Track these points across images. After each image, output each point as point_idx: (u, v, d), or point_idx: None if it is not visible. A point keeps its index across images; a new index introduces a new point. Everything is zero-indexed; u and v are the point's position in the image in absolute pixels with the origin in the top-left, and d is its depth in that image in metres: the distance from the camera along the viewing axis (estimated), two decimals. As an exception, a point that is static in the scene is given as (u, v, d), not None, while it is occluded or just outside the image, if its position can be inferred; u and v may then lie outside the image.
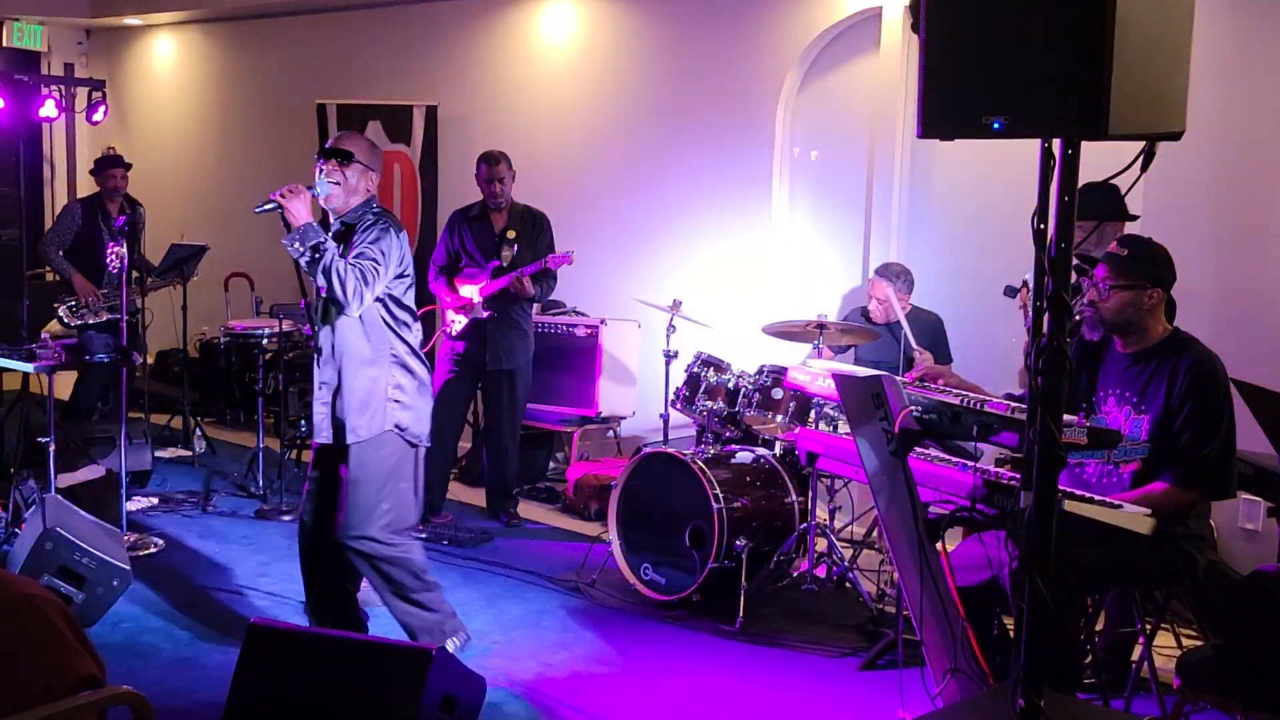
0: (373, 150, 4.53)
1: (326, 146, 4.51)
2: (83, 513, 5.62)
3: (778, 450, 5.73)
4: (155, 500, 6.96)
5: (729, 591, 5.28)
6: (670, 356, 6.27)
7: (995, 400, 3.38)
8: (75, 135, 10.52)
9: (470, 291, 6.51)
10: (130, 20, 10.11)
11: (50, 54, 10.40)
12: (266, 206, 4.35)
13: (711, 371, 5.83)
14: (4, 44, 9.78)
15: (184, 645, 4.95)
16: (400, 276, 4.44)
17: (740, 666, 4.89)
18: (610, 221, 7.61)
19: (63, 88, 7.53)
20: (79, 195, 9.86)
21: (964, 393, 3.48)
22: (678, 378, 6.09)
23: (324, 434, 4.51)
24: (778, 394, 5.60)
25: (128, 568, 5.22)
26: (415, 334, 4.56)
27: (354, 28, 8.88)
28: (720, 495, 5.27)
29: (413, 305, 4.56)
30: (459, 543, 6.36)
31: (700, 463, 5.38)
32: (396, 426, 4.47)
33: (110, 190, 7.84)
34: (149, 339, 8.30)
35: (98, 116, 7.04)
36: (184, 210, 9.69)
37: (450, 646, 4.49)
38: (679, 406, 5.98)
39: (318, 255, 4.22)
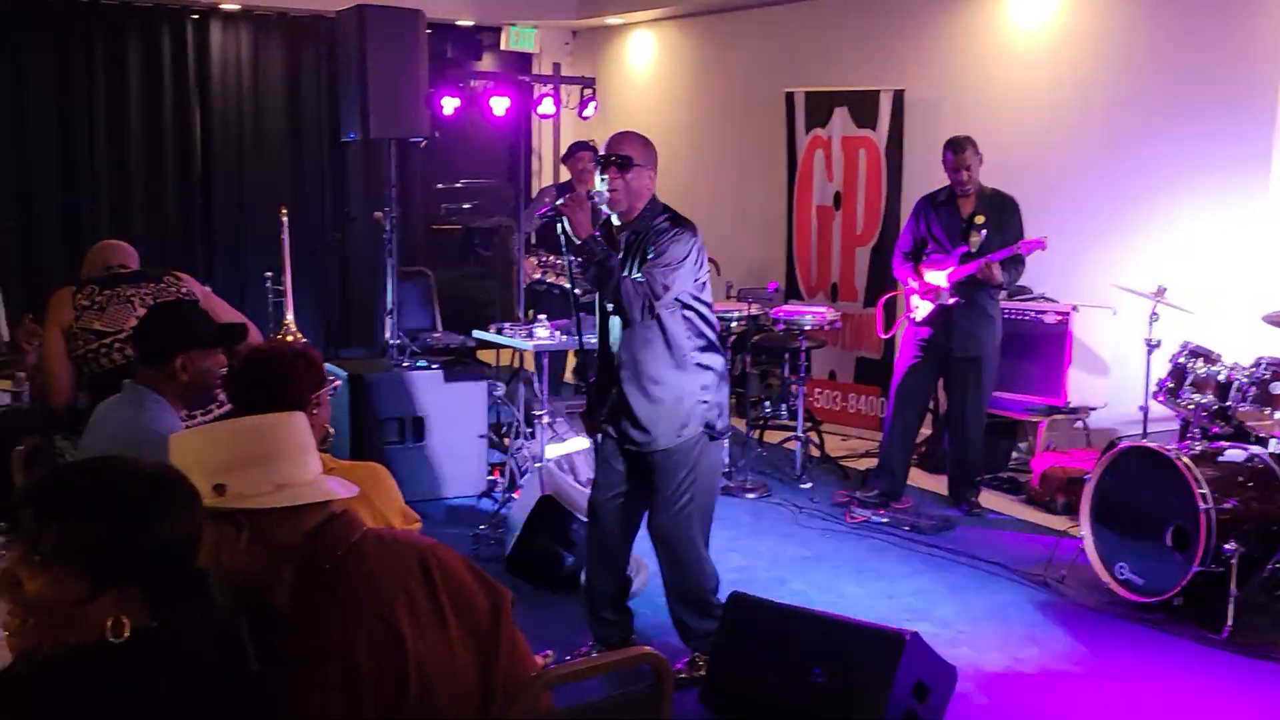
0: (646, 147, 4.37)
1: (602, 153, 4.33)
2: (572, 481, 6.07)
3: (1273, 448, 5.30)
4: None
5: (1215, 597, 4.94)
6: (1152, 346, 5.93)
7: None
8: (559, 130, 11.33)
9: (937, 277, 6.45)
10: (612, 20, 10.76)
11: (540, 55, 11.25)
12: (546, 213, 4.31)
13: (1200, 363, 5.47)
14: (502, 47, 10.69)
15: (660, 611, 5.22)
16: (696, 280, 4.33)
17: (1228, 678, 4.58)
18: (1083, 204, 7.29)
19: (561, 86, 8.16)
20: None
21: None
22: (1159, 368, 5.76)
23: (630, 440, 4.41)
24: (1277, 388, 5.17)
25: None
26: (712, 329, 4.44)
27: (823, 16, 8.99)
28: (1208, 495, 4.93)
29: (708, 298, 4.44)
30: (920, 529, 6.34)
31: (1185, 459, 5.06)
32: (706, 426, 4.37)
33: (579, 174, 8.35)
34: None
35: (588, 112, 7.57)
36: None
37: None
38: (1161, 399, 5.65)
39: (604, 273, 4.16)
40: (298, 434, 2.22)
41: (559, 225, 4.28)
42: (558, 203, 4.28)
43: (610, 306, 4.31)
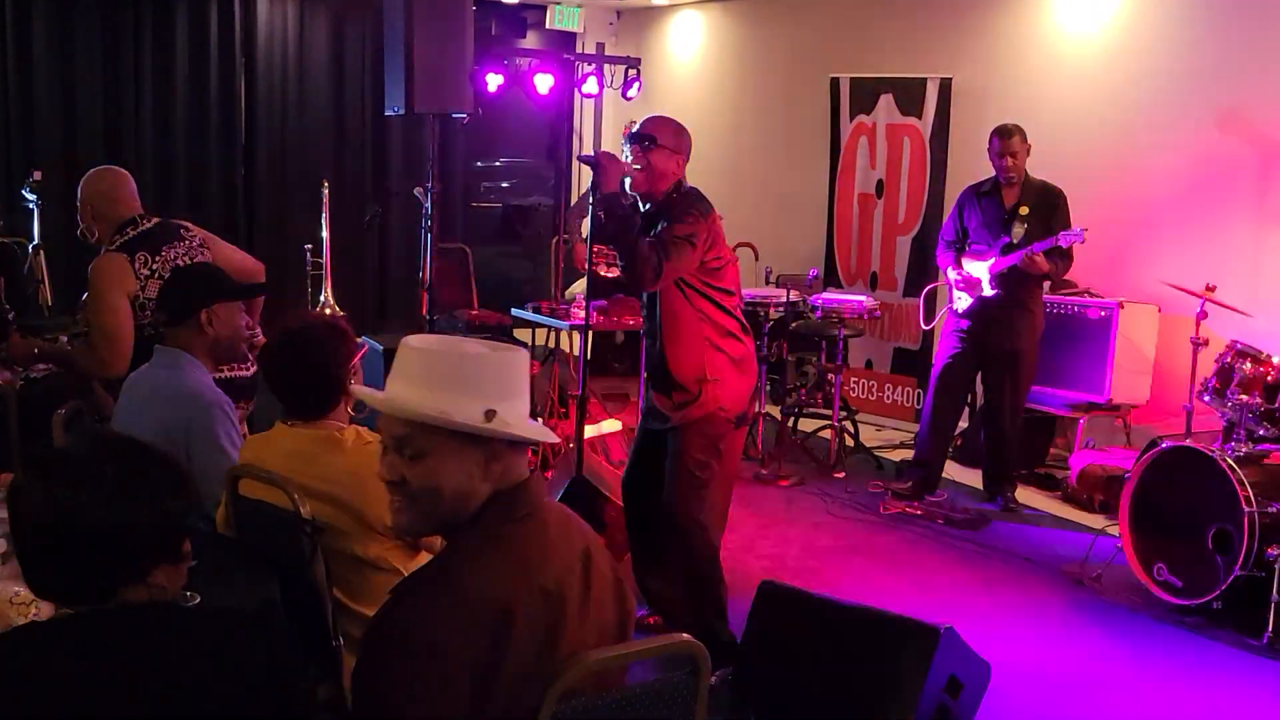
0: (679, 134, 4.45)
1: (631, 131, 4.48)
2: (603, 462, 6.06)
3: (1321, 453, 5.21)
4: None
5: (1256, 603, 4.85)
6: (1199, 344, 5.83)
7: None
8: (602, 110, 11.27)
9: (978, 269, 6.37)
10: (657, 1, 10.68)
11: (584, 34, 11.19)
12: (588, 155, 4.50)
13: (1248, 363, 5.36)
14: (547, 26, 10.64)
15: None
16: (712, 256, 4.35)
17: (1269, 685, 4.51)
18: (1133, 198, 7.17)
19: (605, 65, 8.13)
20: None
21: None
22: (1205, 367, 5.67)
23: (654, 419, 4.51)
24: (1325, 392, 5.07)
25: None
26: (736, 310, 4.46)
27: (870, 2, 8.88)
28: (1252, 497, 4.85)
29: (729, 285, 4.43)
30: (953, 523, 6.28)
31: (1229, 461, 4.98)
32: (719, 407, 4.38)
33: None
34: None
35: (632, 92, 7.51)
36: (696, 182, 10.12)
37: None
38: (1206, 399, 5.56)
39: (625, 227, 4.23)
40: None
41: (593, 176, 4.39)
42: (597, 153, 4.40)
43: (625, 268, 4.34)
